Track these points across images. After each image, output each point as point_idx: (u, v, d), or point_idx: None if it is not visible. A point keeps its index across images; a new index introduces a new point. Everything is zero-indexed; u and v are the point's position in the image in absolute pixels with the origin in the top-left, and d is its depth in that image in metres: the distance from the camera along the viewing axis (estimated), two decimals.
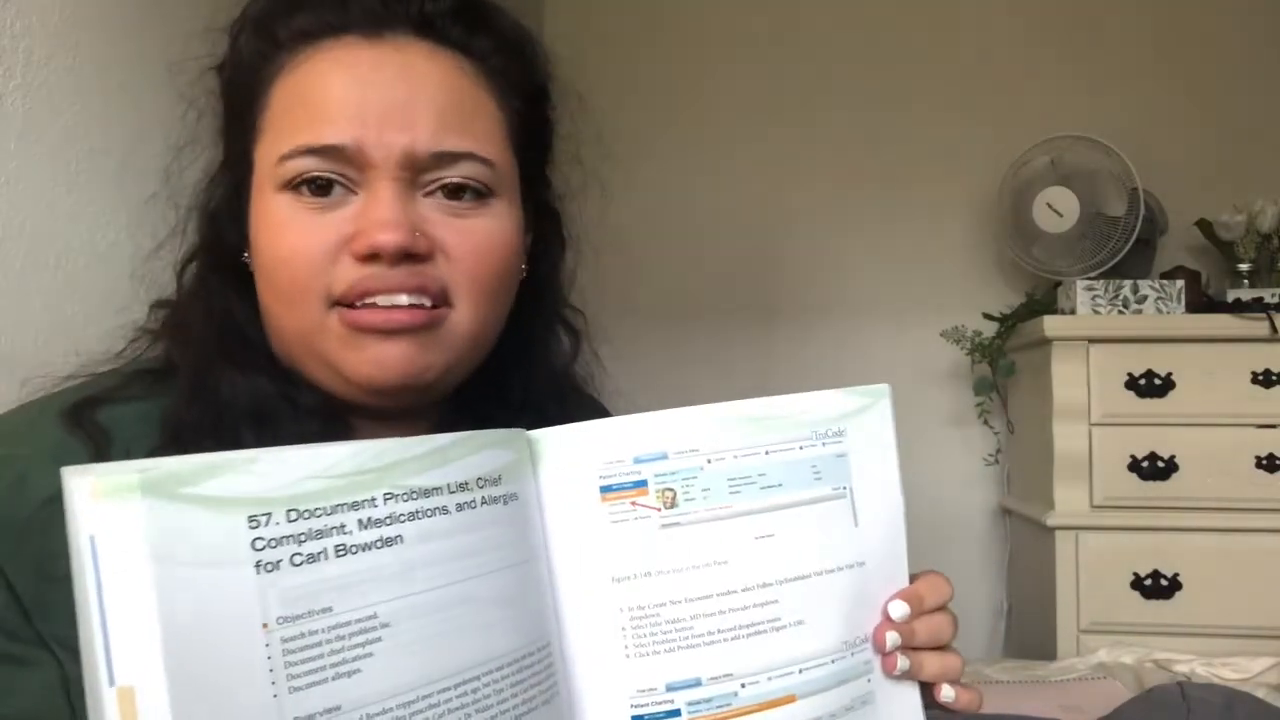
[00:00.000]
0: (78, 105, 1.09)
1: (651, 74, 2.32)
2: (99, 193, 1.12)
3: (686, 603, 0.50)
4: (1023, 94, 2.27)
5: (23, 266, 1.00)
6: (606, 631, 0.50)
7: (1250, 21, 2.23)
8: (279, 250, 0.59)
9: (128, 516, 0.35)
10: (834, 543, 0.53)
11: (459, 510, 0.44)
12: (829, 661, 0.52)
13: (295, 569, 0.38)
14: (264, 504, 0.38)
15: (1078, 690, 1.47)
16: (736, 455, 0.52)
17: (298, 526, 0.38)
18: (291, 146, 0.58)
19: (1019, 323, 2.09)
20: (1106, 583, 1.84)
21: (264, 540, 0.37)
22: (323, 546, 0.39)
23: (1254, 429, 1.83)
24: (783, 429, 0.53)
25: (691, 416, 0.52)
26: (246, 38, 0.63)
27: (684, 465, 0.51)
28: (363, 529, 0.40)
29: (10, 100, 0.99)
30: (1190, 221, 2.11)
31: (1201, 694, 1.08)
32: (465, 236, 0.60)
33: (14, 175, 0.99)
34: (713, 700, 0.50)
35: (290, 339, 0.61)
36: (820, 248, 2.36)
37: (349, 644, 0.39)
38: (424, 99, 0.59)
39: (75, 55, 1.08)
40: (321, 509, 0.39)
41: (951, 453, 2.30)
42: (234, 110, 0.64)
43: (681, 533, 0.50)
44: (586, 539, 0.50)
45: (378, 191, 0.58)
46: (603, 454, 0.50)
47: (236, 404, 0.60)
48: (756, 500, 0.51)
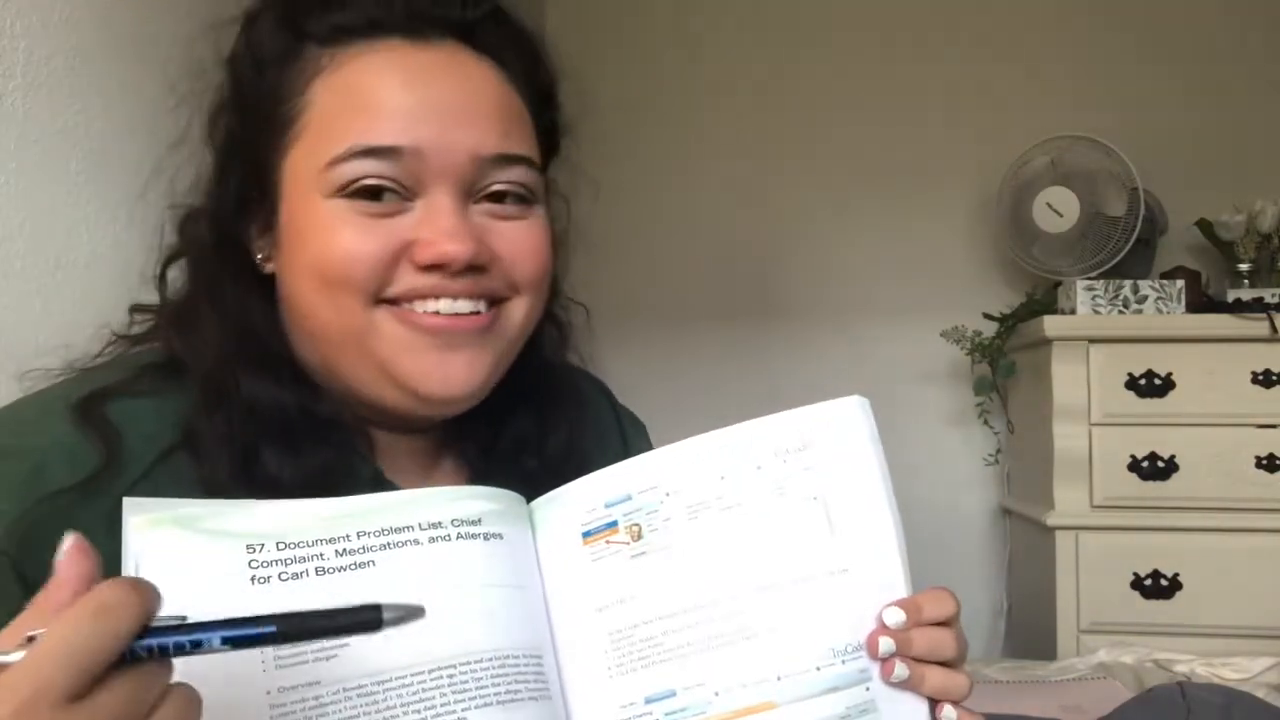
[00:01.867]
0: (78, 105, 1.09)
1: (650, 74, 2.32)
2: (99, 193, 1.12)
3: (657, 620, 0.54)
4: (1023, 94, 2.27)
5: (23, 266, 1.00)
6: (593, 655, 0.55)
7: (1250, 22, 2.23)
8: (335, 253, 0.57)
9: (164, 540, 0.47)
10: (806, 552, 0.54)
11: (431, 542, 0.52)
12: (813, 669, 0.53)
13: (282, 583, 0.48)
14: (259, 537, 0.49)
15: (1078, 690, 1.47)
16: (694, 485, 0.56)
17: (284, 554, 0.49)
18: (345, 148, 0.57)
19: (1019, 323, 2.09)
20: (1106, 583, 1.84)
21: (258, 562, 0.48)
22: (304, 568, 0.49)
23: (1254, 429, 1.83)
24: (739, 454, 0.56)
25: (653, 459, 0.58)
26: (267, 30, 0.61)
27: (646, 501, 0.56)
28: (338, 556, 0.50)
29: (10, 100, 0.99)
30: (1190, 221, 2.11)
31: (1201, 694, 1.08)
32: (515, 243, 0.61)
33: (14, 175, 0.99)
34: (688, 709, 0.53)
35: (334, 340, 0.59)
36: (820, 248, 2.36)
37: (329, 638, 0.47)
38: (482, 103, 0.59)
39: (75, 55, 1.08)
40: (304, 542, 0.49)
41: (951, 453, 2.30)
42: (254, 108, 0.61)
43: (648, 560, 0.55)
44: (573, 578, 0.56)
45: (438, 201, 0.58)
46: (582, 506, 0.57)
47: (256, 416, 0.59)
48: (716, 522, 0.55)
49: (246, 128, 0.62)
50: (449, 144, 0.57)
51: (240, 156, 0.62)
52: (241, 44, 0.62)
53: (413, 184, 0.58)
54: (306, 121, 0.59)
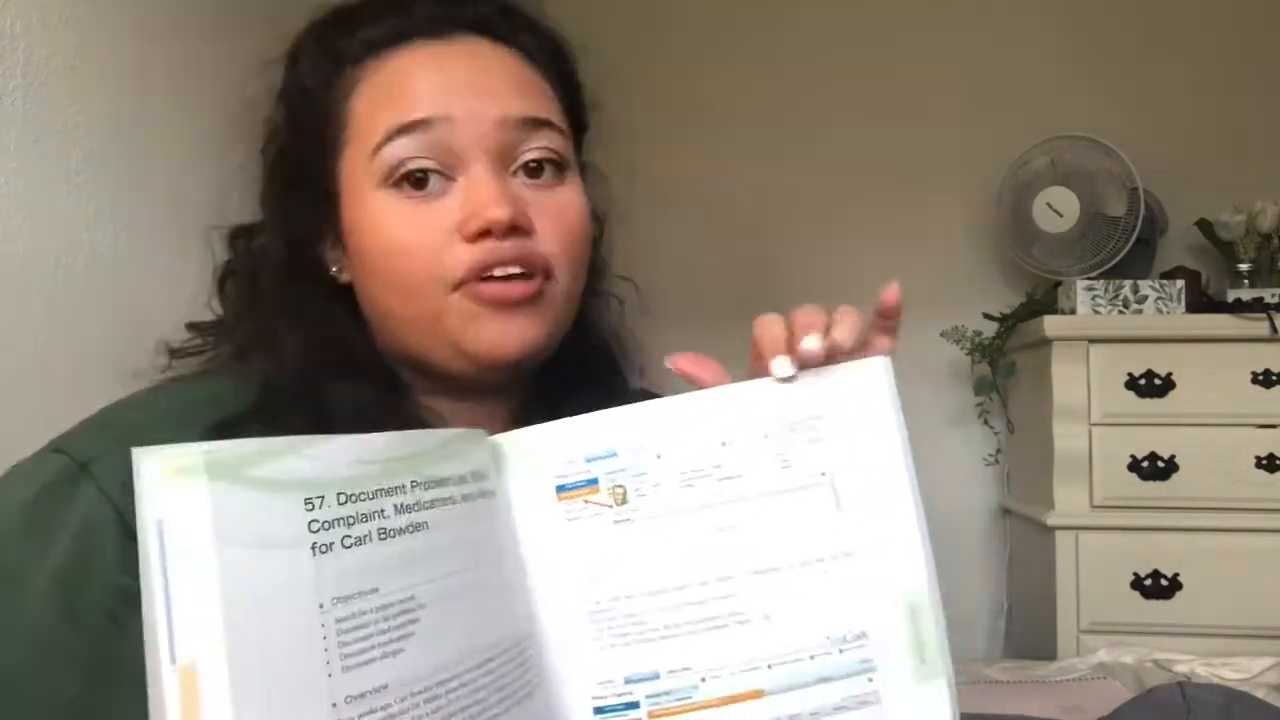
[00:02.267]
0: (78, 105, 1.09)
1: (649, 75, 2.32)
2: (99, 193, 1.12)
3: (642, 597, 0.51)
4: (1023, 94, 2.27)
5: (23, 266, 1.00)
6: (568, 625, 0.51)
7: (1250, 21, 2.23)
8: (391, 245, 0.62)
9: (194, 499, 0.36)
10: (809, 533, 0.51)
11: (463, 500, 0.46)
12: (807, 657, 0.50)
13: (346, 550, 0.39)
14: (319, 487, 0.39)
15: (1078, 690, 1.47)
16: (690, 449, 0.52)
17: (346, 510, 0.40)
18: (383, 133, 0.61)
19: (1019, 323, 2.09)
20: (1106, 583, 1.84)
21: (319, 522, 0.39)
22: (368, 530, 0.40)
23: (1254, 429, 1.83)
24: (743, 418, 0.52)
25: (642, 412, 0.53)
26: (310, 62, 0.66)
27: (633, 462, 0.52)
28: (398, 514, 0.42)
29: (10, 100, 0.99)
30: (1190, 221, 2.11)
31: (1201, 694, 1.08)
32: (554, 213, 0.64)
33: (14, 175, 0.99)
34: (672, 693, 0.50)
35: (410, 329, 0.64)
36: (820, 247, 2.36)
37: (394, 624, 0.40)
38: (499, 75, 0.64)
39: (75, 55, 1.08)
40: (365, 493, 0.41)
41: (951, 453, 2.30)
42: (308, 131, 0.66)
43: (634, 528, 0.51)
44: (546, 537, 0.51)
45: (476, 174, 0.62)
46: (558, 455, 0.52)
47: (341, 412, 0.61)
48: (713, 493, 0.51)
49: (303, 151, 0.66)
50: (476, 111, 0.62)
51: (301, 178, 0.67)
52: (287, 79, 0.68)
53: (451, 160, 0.62)
54: (353, 129, 0.64)
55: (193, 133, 1.25)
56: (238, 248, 0.70)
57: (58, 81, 1.05)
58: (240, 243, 0.70)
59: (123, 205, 1.15)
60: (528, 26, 0.69)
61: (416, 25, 0.64)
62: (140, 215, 1.18)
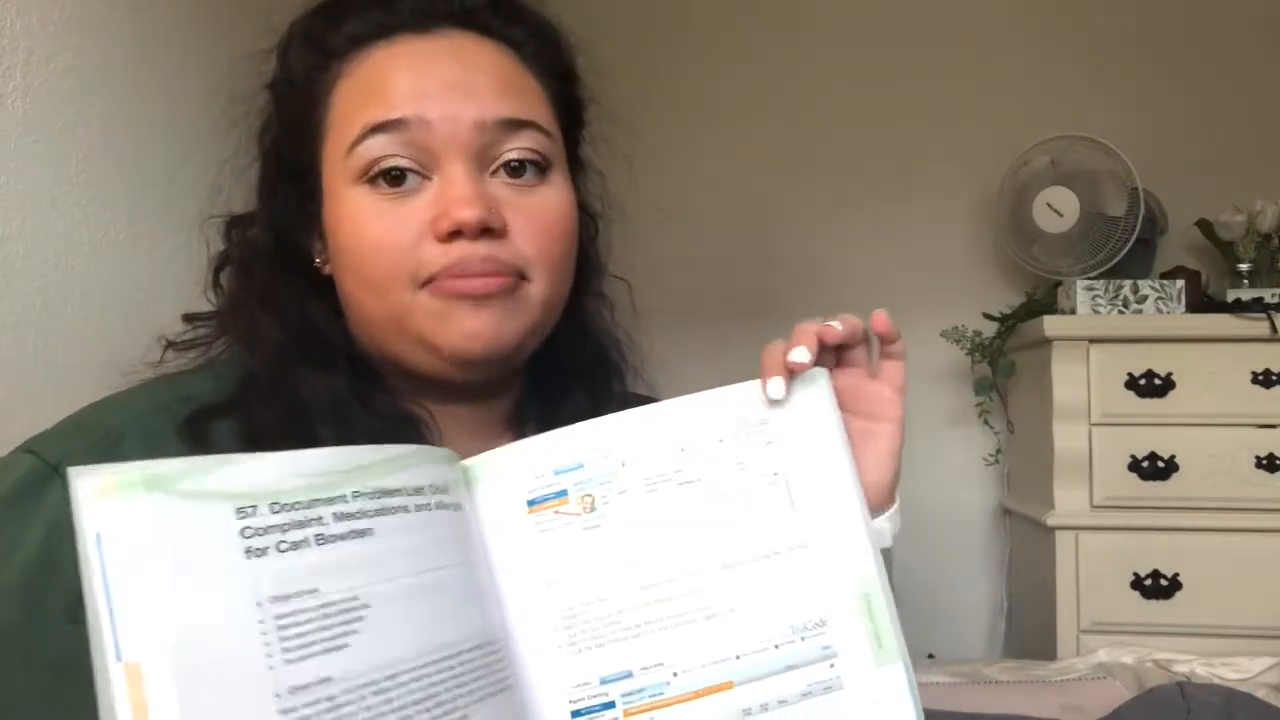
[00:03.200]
0: (78, 105, 1.09)
1: (648, 75, 2.32)
2: (99, 193, 1.12)
3: (613, 598, 0.53)
4: (1023, 94, 2.27)
5: (23, 266, 1.00)
6: (544, 633, 0.53)
7: (1250, 21, 2.23)
8: (363, 242, 0.61)
9: (133, 510, 0.39)
10: (767, 529, 0.54)
11: (416, 510, 0.48)
12: (772, 647, 0.52)
13: (281, 554, 0.42)
14: (251, 498, 0.42)
15: (1078, 690, 1.47)
16: (652, 456, 0.54)
17: (281, 518, 0.42)
18: (359, 129, 0.61)
19: (1019, 323, 2.09)
20: (1106, 583, 1.84)
21: (251, 529, 0.41)
22: (304, 535, 0.43)
23: (1254, 429, 1.83)
24: (700, 425, 0.55)
25: (607, 424, 0.55)
26: (297, 53, 0.66)
27: (600, 471, 0.54)
28: (337, 521, 0.44)
29: (10, 100, 0.99)
30: (1190, 221, 2.11)
31: (1201, 694, 1.08)
32: (533, 214, 0.63)
33: (14, 175, 0.99)
34: (645, 690, 0.52)
35: (380, 326, 0.63)
36: (820, 247, 2.36)
37: (336, 621, 0.43)
38: (480, 74, 0.63)
39: (75, 55, 1.08)
40: (300, 503, 0.43)
41: (951, 453, 2.30)
42: (293, 124, 0.66)
43: (602, 534, 0.53)
44: (519, 550, 0.53)
45: (451, 173, 0.61)
46: (527, 470, 0.54)
47: (314, 404, 0.62)
48: (675, 496, 0.54)
49: (290, 144, 0.66)
50: (454, 113, 0.61)
51: (289, 171, 0.67)
52: (277, 69, 0.68)
53: (427, 159, 0.61)
54: (331, 121, 0.64)
55: (193, 132, 1.25)
56: (233, 238, 0.69)
57: (58, 81, 1.05)
58: (235, 233, 0.70)
59: (123, 205, 1.15)
60: (519, 19, 0.67)
61: (401, 20, 0.63)
62: (140, 214, 1.18)
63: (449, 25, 0.64)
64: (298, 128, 0.65)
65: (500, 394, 0.70)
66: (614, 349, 0.77)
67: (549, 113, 0.66)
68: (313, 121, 0.64)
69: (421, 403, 0.66)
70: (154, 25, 1.24)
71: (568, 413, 0.70)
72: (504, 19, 0.66)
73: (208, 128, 0.71)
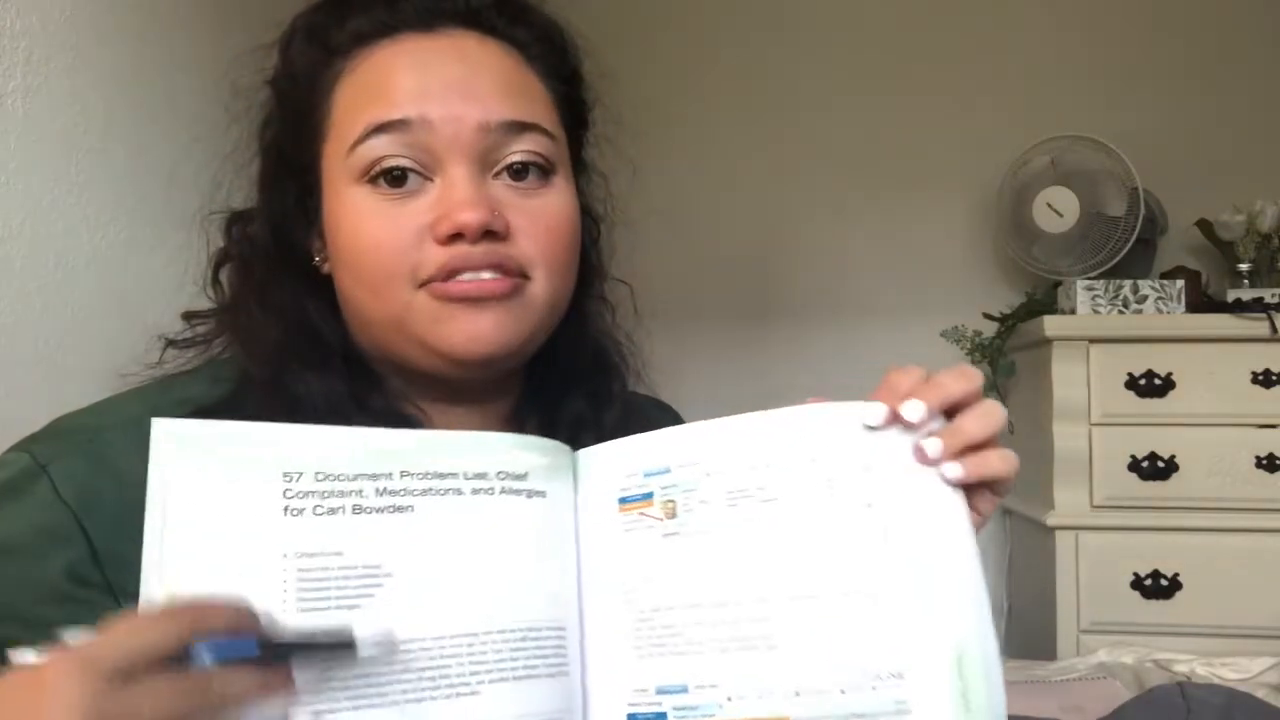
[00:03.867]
0: (78, 105, 1.09)
1: (647, 73, 2.32)
2: (99, 193, 1.12)
3: (681, 609, 0.51)
4: (1023, 94, 2.27)
5: (23, 266, 1.00)
6: (614, 630, 0.52)
7: (1250, 21, 2.23)
8: (362, 241, 0.61)
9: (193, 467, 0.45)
10: (851, 563, 0.49)
11: (474, 494, 0.50)
12: (837, 691, 0.48)
13: (316, 517, 0.46)
14: (298, 466, 0.47)
15: (1078, 690, 1.47)
16: (737, 469, 0.52)
17: (323, 486, 0.47)
18: (361, 129, 0.60)
19: (1019, 323, 2.09)
20: (1106, 583, 1.84)
21: (293, 492, 0.46)
22: (341, 504, 0.47)
23: (1254, 429, 1.83)
24: (792, 440, 0.51)
25: (697, 431, 0.54)
26: (299, 48, 0.65)
27: (684, 478, 0.53)
28: (378, 495, 0.48)
29: (10, 100, 0.99)
30: (1190, 221, 2.11)
31: (1201, 694, 1.08)
32: (535, 217, 0.63)
33: (14, 175, 0.99)
34: (697, 709, 0.50)
35: (379, 326, 0.63)
36: (820, 247, 2.36)
37: (354, 583, 0.46)
38: (484, 75, 0.62)
39: (75, 55, 1.08)
40: (344, 475, 0.47)
41: None
42: (294, 119, 0.65)
43: (680, 542, 0.52)
44: (604, 547, 0.54)
45: (453, 175, 0.60)
46: (624, 469, 0.54)
47: (310, 404, 0.61)
48: (755, 513, 0.51)
49: (291, 140, 0.66)
50: (457, 114, 0.60)
51: (289, 167, 0.66)
52: (279, 64, 0.67)
53: (429, 161, 0.61)
54: (334, 119, 0.63)
55: (193, 132, 1.25)
56: (233, 234, 0.69)
57: (58, 81, 1.05)
58: (235, 229, 0.69)
59: (123, 205, 1.15)
60: (524, 19, 0.67)
61: (405, 18, 0.63)
62: (140, 215, 1.18)
63: (454, 24, 0.64)
64: (299, 124, 0.65)
65: (499, 395, 0.69)
66: (614, 351, 0.76)
67: (553, 115, 0.66)
68: (314, 118, 0.64)
69: (419, 404, 0.66)
70: (154, 25, 1.24)
71: (566, 415, 0.70)
72: (509, 19, 0.65)
73: (208, 128, 0.71)
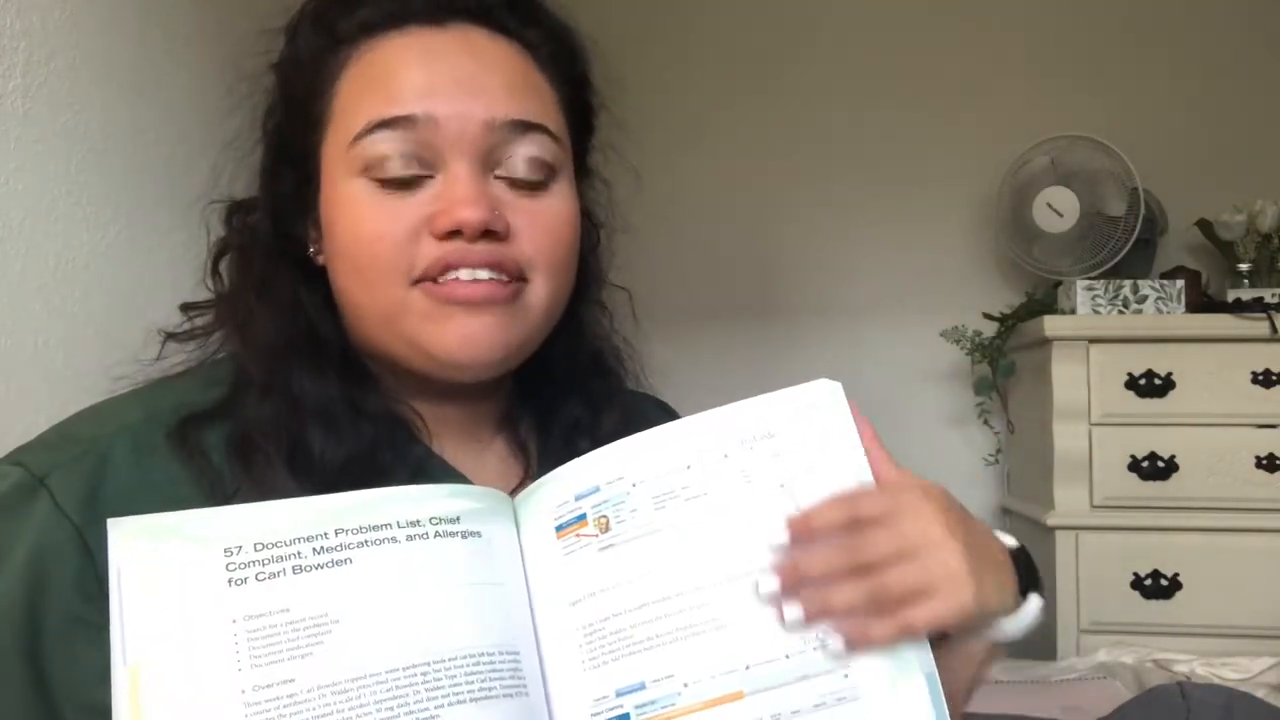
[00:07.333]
0: (78, 105, 1.09)
1: (647, 75, 2.32)
2: (99, 193, 1.12)
3: (627, 613, 0.54)
4: (1023, 94, 2.27)
5: (23, 266, 1.00)
6: (568, 649, 0.55)
7: (1250, 21, 2.23)
8: (360, 233, 0.60)
9: (145, 551, 0.49)
10: (774, 538, 0.53)
11: (409, 540, 0.53)
12: (782, 657, 0.52)
13: (259, 583, 0.50)
14: (237, 540, 0.50)
15: (1078, 690, 1.47)
16: (660, 475, 0.55)
17: (262, 554, 0.50)
18: (364, 123, 0.59)
19: (1019, 323, 2.09)
20: (1106, 583, 1.84)
21: (235, 564, 0.50)
22: (281, 567, 0.50)
23: (1254, 429, 1.83)
24: (705, 442, 0.56)
25: (619, 449, 0.57)
26: (305, 35, 0.64)
27: (613, 493, 0.56)
28: (316, 554, 0.51)
29: (10, 100, 0.99)
30: (1190, 221, 2.11)
31: (1201, 694, 1.08)
32: (536, 218, 0.62)
33: (14, 175, 0.99)
34: (657, 701, 0.52)
35: (371, 321, 0.62)
36: (820, 247, 2.36)
37: (303, 634, 0.49)
38: (492, 73, 0.62)
39: (75, 55, 1.08)
40: (281, 542, 0.51)
41: (951, 453, 2.30)
42: (296, 106, 0.64)
43: (617, 552, 0.55)
44: (548, 572, 0.56)
45: (456, 171, 0.60)
46: (555, 498, 0.57)
47: (305, 403, 0.61)
48: (682, 512, 0.54)
49: (292, 126, 0.65)
50: (462, 112, 0.59)
51: (289, 154, 0.65)
52: (285, 51, 0.66)
53: (431, 156, 0.60)
54: (336, 109, 0.62)
55: (194, 132, 1.25)
56: (234, 223, 0.68)
57: (58, 81, 1.05)
58: (237, 218, 0.68)
59: (123, 205, 1.15)
60: (535, 19, 0.66)
61: (414, 10, 0.62)
62: (140, 215, 1.18)
63: (463, 19, 0.63)
64: (300, 111, 0.64)
65: (492, 395, 0.69)
66: (611, 356, 0.76)
67: (559, 118, 0.65)
68: (317, 106, 0.63)
69: (412, 403, 0.66)
70: (155, 25, 1.24)
71: (562, 417, 0.70)
72: (521, 19, 0.65)
73: (209, 128, 0.70)
